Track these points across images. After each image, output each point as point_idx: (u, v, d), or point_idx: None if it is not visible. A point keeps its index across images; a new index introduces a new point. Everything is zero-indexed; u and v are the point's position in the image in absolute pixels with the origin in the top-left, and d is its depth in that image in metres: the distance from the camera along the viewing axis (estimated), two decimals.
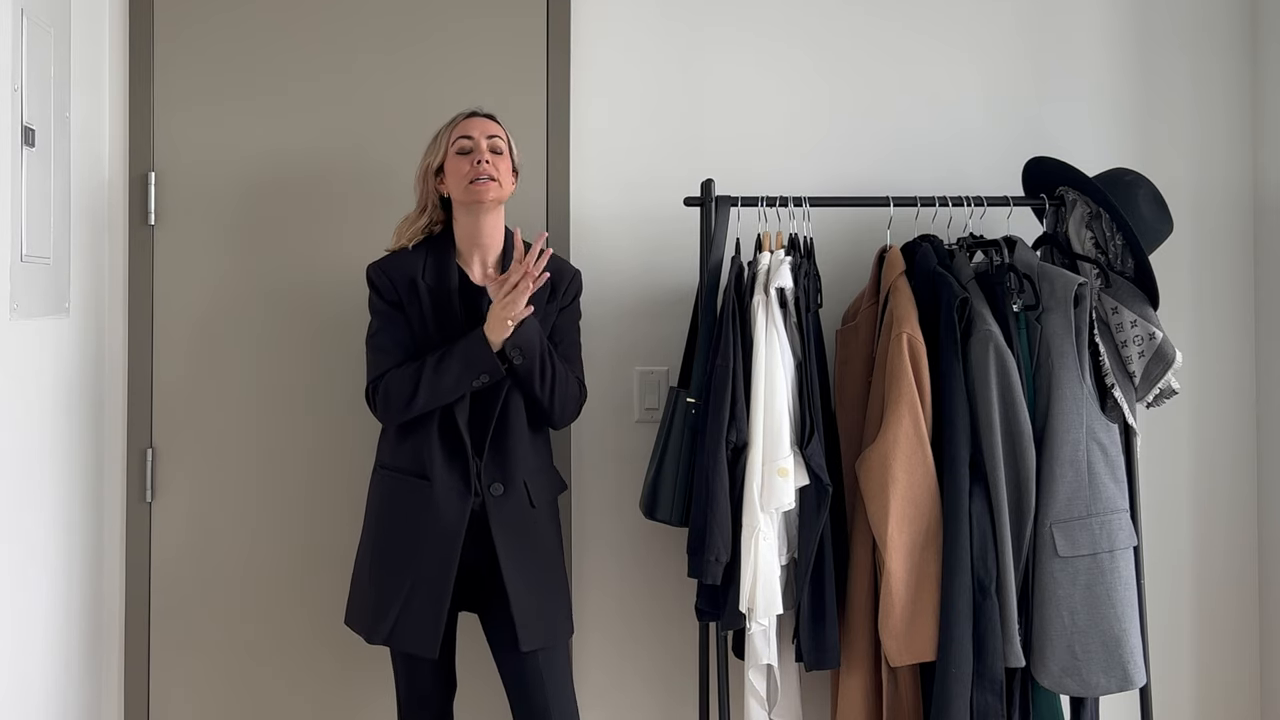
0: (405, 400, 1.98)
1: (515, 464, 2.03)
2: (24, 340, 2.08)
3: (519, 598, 1.99)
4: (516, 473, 2.03)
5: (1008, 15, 2.53)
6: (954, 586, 2.01)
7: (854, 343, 2.22)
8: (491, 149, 2.05)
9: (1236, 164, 2.53)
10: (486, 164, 2.02)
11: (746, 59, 2.51)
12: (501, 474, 2.02)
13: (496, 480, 2.02)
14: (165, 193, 2.47)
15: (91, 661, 2.39)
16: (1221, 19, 2.54)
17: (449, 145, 2.06)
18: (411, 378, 1.98)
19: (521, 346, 1.99)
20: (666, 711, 2.49)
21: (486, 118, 2.11)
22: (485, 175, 2.02)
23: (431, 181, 2.10)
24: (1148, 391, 2.13)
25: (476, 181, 2.01)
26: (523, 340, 1.99)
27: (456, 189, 2.05)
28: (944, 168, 2.49)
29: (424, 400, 1.98)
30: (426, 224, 2.10)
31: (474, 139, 2.05)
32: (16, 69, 2.01)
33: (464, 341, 1.98)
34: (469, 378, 1.97)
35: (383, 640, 2.03)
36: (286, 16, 2.48)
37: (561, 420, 2.10)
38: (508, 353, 1.98)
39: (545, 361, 2.02)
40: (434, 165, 2.09)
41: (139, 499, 2.46)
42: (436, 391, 1.98)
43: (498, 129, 2.09)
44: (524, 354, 1.99)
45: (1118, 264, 2.16)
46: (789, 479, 2.04)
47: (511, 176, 2.10)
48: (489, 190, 2.02)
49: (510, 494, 2.02)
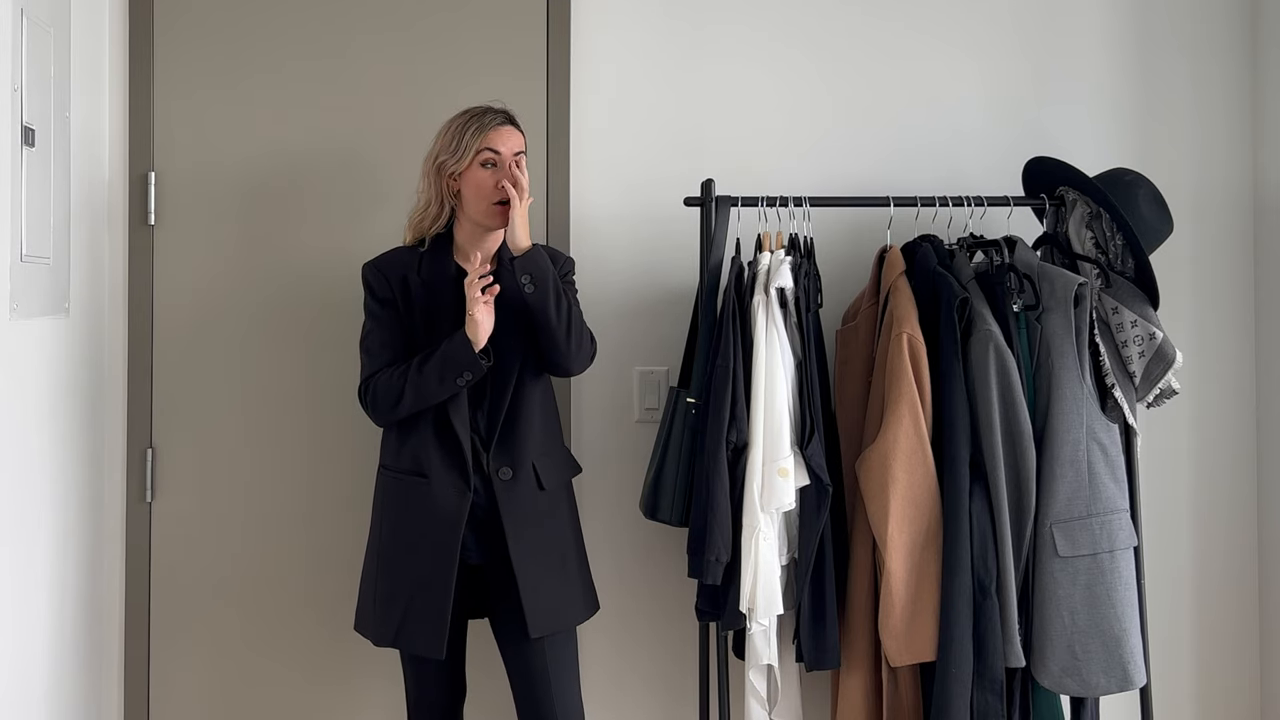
0: (392, 402, 1.98)
1: (525, 448, 2.02)
2: (24, 340, 2.08)
3: (528, 582, 1.98)
4: (526, 457, 2.02)
5: (1008, 15, 2.53)
6: (954, 586, 2.01)
7: (854, 343, 2.22)
8: (519, 165, 2.02)
9: (1236, 164, 2.53)
10: (512, 189, 1.97)
11: (747, 59, 2.51)
12: (510, 459, 2.01)
13: (505, 465, 2.01)
14: (165, 193, 2.47)
15: (91, 661, 2.39)
16: (1221, 20, 2.54)
17: (474, 154, 2.00)
18: (398, 380, 1.98)
19: (532, 273, 1.94)
20: (666, 711, 2.49)
21: (510, 124, 2.05)
22: (509, 199, 1.98)
23: (443, 181, 2.04)
24: (1148, 391, 2.13)
25: (499, 205, 1.99)
26: (533, 267, 1.94)
27: (476, 204, 2.01)
28: (944, 168, 2.49)
29: (410, 401, 1.97)
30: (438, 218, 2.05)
31: (501, 156, 2.01)
32: (16, 69, 2.01)
33: (447, 343, 1.97)
34: (451, 376, 1.95)
35: (389, 642, 2.02)
36: (286, 17, 2.48)
37: (578, 360, 2.03)
38: (519, 279, 1.94)
39: (560, 293, 1.98)
40: (443, 164, 2.02)
41: (139, 499, 2.46)
42: (421, 393, 1.97)
43: (520, 140, 2.05)
44: (534, 280, 1.95)
45: (1118, 264, 2.16)
46: (789, 479, 2.04)
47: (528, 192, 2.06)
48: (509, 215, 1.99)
49: (519, 478, 2.01)
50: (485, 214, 2.01)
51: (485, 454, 2.01)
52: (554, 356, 2.01)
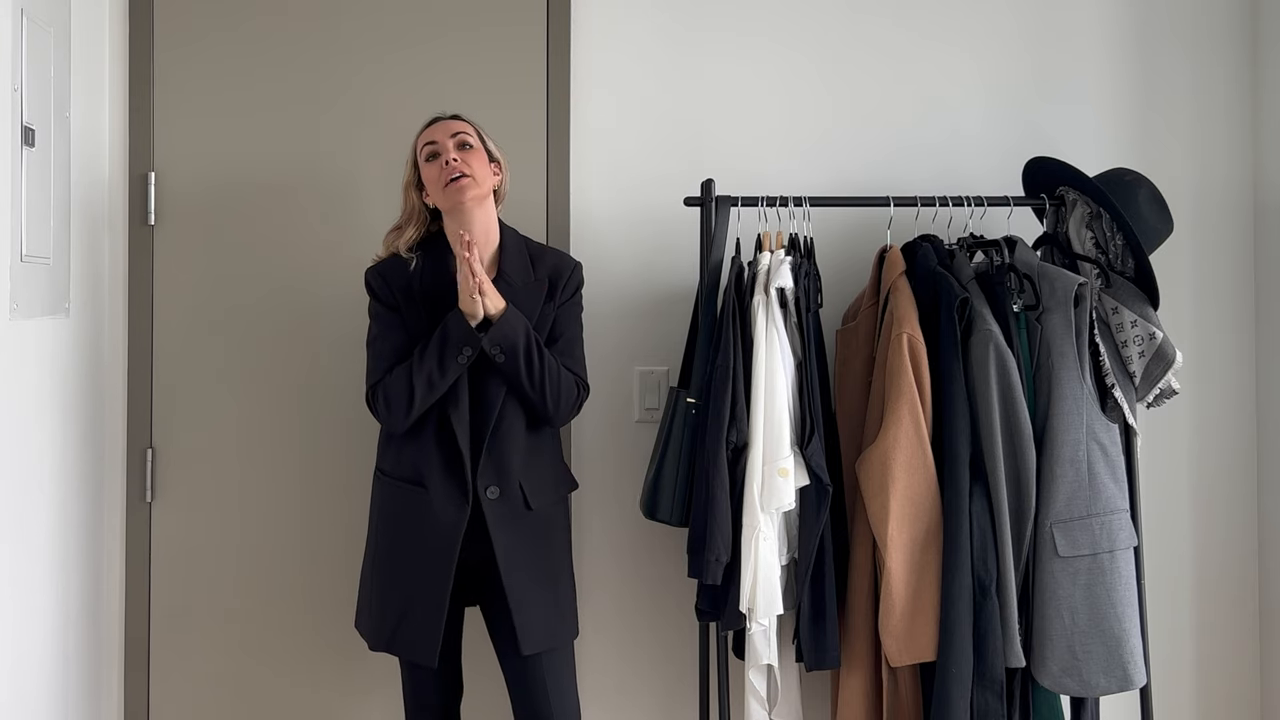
0: (405, 397, 1.96)
1: (511, 467, 2.00)
2: (24, 340, 2.08)
3: (519, 603, 1.97)
4: (512, 475, 2.00)
5: (1008, 16, 2.53)
6: (954, 586, 2.01)
7: (854, 343, 2.22)
8: (459, 145, 2.02)
9: (1236, 164, 2.53)
10: (455, 161, 1.99)
11: (747, 59, 2.51)
12: (497, 477, 1.99)
13: (492, 484, 1.99)
14: (165, 193, 2.47)
15: (91, 661, 2.39)
16: (1222, 19, 2.54)
17: (419, 156, 2.05)
18: (405, 374, 1.96)
19: (501, 344, 1.95)
20: (666, 711, 2.49)
21: (451, 119, 2.07)
22: (457, 173, 1.99)
23: (415, 195, 2.08)
24: (1148, 391, 2.13)
25: (451, 183, 1.99)
26: (501, 338, 1.95)
27: (437, 196, 2.03)
28: (944, 168, 2.49)
29: (421, 392, 1.95)
30: (414, 235, 2.07)
31: (439, 142, 2.02)
32: (16, 69, 2.01)
33: (443, 323, 1.96)
34: (452, 355, 1.94)
35: (383, 647, 2.03)
36: (287, 18, 2.48)
37: (558, 417, 2.04)
38: (488, 351, 1.95)
39: (532, 358, 1.97)
40: (411, 180, 2.08)
41: (139, 499, 2.46)
42: (428, 379, 1.94)
43: (463, 125, 2.06)
44: (504, 352, 1.95)
45: (1118, 264, 2.16)
46: (789, 479, 2.04)
47: (490, 168, 2.05)
48: (466, 190, 1.99)
49: (506, 497, 1.99)
50: (445, 198, 2.01)
51: (473, 472, 1.99)
52: (532, 411, 2.02)
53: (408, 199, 2.09)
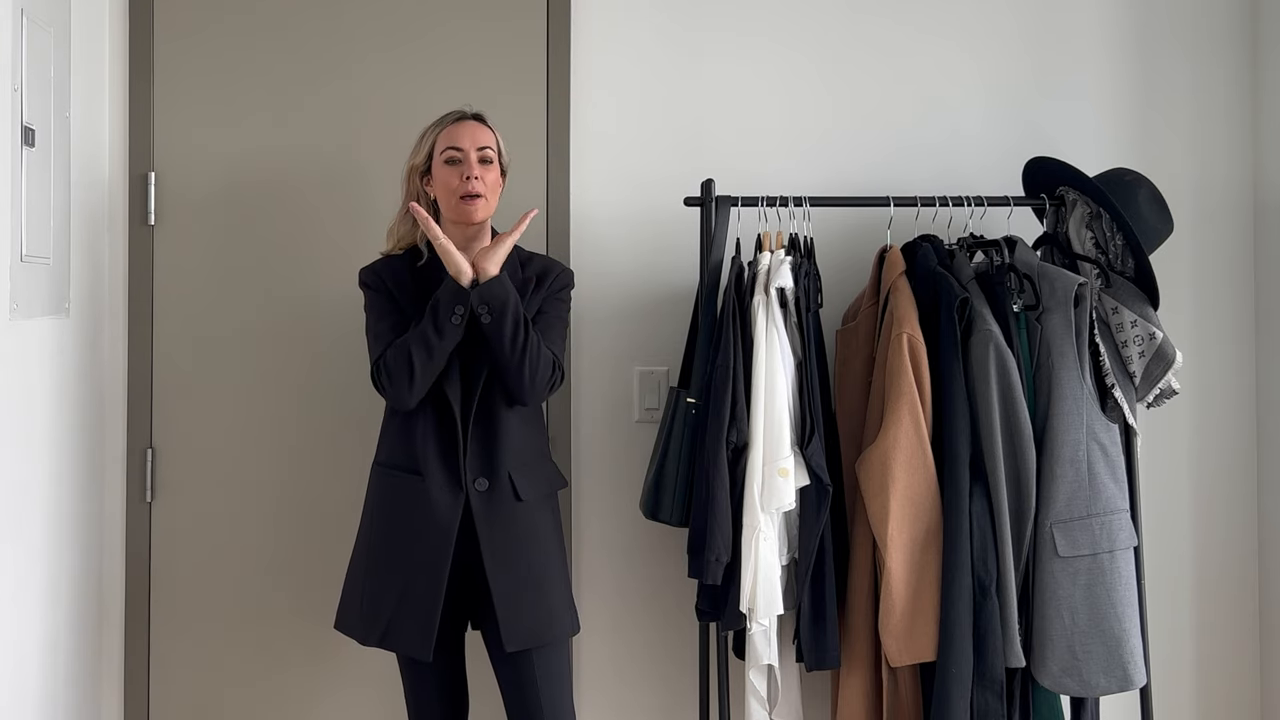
0: (405, 367, 1.93)
1: (500, 458, 1.98)
2: (24, 340, 2.08)
3: (502, 597, 1.95)
4: (502, 467, 1.98)
5: (1008, 16, 2.53)
6: (954, 586, 2.01)
7: (854, 343, 2.22)
8: (481, 159, 2.02)
9: (1236, 164, 2.53)
10: (476, 180, 1.99)
11: (747, 59, 2.51)
12: (485, 468, 1.98)
13: (481, 475, 1.98)
14: (165, 193, 2.47)
15: (91, 661, 2.39)
16: (1222, 19, 2.54)
17: (437, 152, 2.03)
18: (404, 345, 1.94)
19: (489, 303, 1.92)
20: (666, 711, 2.49)
21: (476, 120, 2.07)
22: (476, 193, 1.99)
23: (418, 183, 2.07)
24: (1148, 391, 2.13)
25: (465, 200, 1.99)
26: (490, 295, 1.92)
27: (445, 202, 2.03)
28: (944, 167, 2.49)
29: (420, 359, 1.92)
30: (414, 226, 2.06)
31: (464, 151, 2.01)
32: (16, 69, 2.01)
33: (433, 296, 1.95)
34: (445, 315, 1.92)
35: (376, 642, 2.00)
36: (286, 17, 2.48)
37: (533, 393, 1.97)
38: (476, 310, 1.92)
39: (518, 323, 1.94)
40: (419, 167, 2.06)
41: (139, 499, 2.46)
42: (426, 345, 1.92)
43: (488, 136, 2.05)
44: (491, 311, 1.92)
45: (1118, 264, 2.16)
46: (789, 479, 2.04)
47: (499, 185, 2.07)
48: (478, 212, 2.01)
49: (495, 489, 1.98)
50: (453, 210, 2.01)
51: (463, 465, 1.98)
52: (506, 383, 1.97)
53: (410, 188, 2.08)
